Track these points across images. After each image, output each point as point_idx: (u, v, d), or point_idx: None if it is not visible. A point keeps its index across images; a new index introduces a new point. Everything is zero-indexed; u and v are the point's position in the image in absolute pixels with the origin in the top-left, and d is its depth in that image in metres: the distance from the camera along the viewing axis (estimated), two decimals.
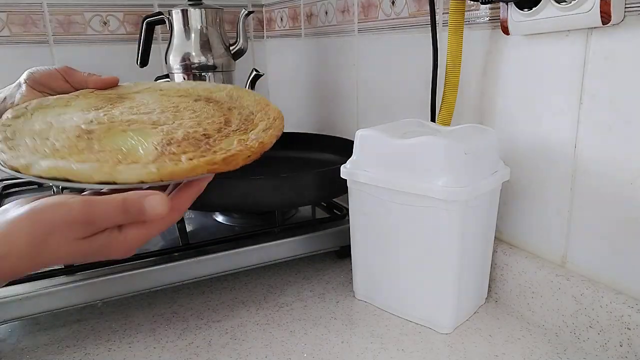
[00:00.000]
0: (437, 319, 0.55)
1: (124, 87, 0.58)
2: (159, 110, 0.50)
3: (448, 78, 0.61)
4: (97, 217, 0.36)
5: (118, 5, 1.09)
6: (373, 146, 0.55)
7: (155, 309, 0.61)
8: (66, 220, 0.36)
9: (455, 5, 0.58)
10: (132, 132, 0.45)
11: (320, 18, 0.98)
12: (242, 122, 0.49)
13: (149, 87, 0.58)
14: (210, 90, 0.57)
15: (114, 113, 0.49)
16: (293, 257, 0.68)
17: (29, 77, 0.56)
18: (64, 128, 0.45)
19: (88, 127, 0.45)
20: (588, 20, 0.47)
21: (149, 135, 0.44)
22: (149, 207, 0.37)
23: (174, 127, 0.46)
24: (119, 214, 0.37)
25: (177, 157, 0.41)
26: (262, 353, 0.52)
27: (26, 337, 0.56)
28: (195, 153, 0.41)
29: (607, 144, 0.49)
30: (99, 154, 0.41)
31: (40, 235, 0.35)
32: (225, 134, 0.46)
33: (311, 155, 0.84)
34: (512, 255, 0.59)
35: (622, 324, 0.47)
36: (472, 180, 0.50)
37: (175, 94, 0.56)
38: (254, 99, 0.55)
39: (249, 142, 0.44)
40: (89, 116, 0.48)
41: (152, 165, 0.39)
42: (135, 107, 0.52)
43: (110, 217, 0.37)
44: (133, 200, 0.37)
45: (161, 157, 0.40)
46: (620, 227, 0.49)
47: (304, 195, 0.67)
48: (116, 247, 0.38)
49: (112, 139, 0.44)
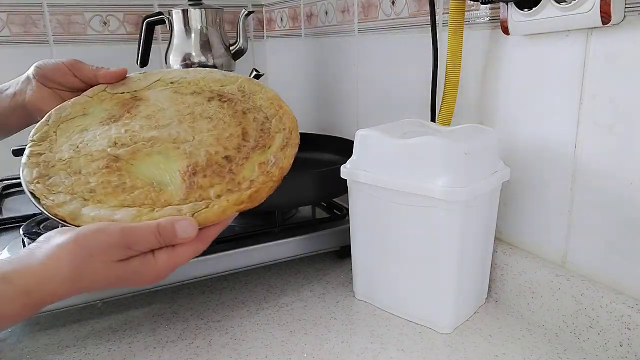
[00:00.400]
0: (437, 319, 0.55)
1: (133, 81, 0.57)
2: (177, 120, 0.52)
3: (448, 78, 0.61)
4: (134, 241, 0.40)
5: (118, 5, 1.09)
6: (373, 146, 0.55)
7: (155, 309, 0.61)
8: (107, 244, 0.39)
9: (455, 5, 0.58)
10: (157, 154, 0.48)
11: (320, 18, 0.98)
12: (259, 135, 0.50)
13: (159, 79, 0.57)
14: (220, 81, 0.57)
15: (134, 127, 0.51)
16: (293, 257, 0.68)
17: (38, 72, 0.56)
18: (92, 155, 0.48)
19: (114, 152, 0.48)
20: (588, 20, 0.47)
21: (173, 160, 0.47)
22: (180, 230, 0.41)
23: (195, 147, 0.48)
24: (153, 238, 0.40)
25: (206, 192, 0.45)
26: (262, 353, 0.52)
27: (26, 337, 0.56)
28: (222, 186, 0.45)
29: (607, 144, 0.49)
30: (133, 193, 0.45)
31: (82, 258, 0.39)
32: (245, 155, 0.48)
33: (311, 155, 0.84)
34: (512, 255, 0.59)
35: (622, 324, 0.47)
36: (472, 180, 0.50)
37: (187, 91, 0.56)
38: (267, 97, 0.55)
39: (269, 167, 0.47)
40: (111, 133, 0.50)
41: (186, 209, 0.43)
42: (152, 115, 0.53)
43: (146, 241, 0.40)
44: (166, 224, 0.41)
45: (191, 194, 0.45)
46: (620, 227, 0.49)
47: (304, 195, 0.67)
48: (148, 272, 0.41)
49: (139, 167, 0.47)
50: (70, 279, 0.39)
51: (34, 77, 0.56)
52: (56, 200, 0.44)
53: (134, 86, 0.57)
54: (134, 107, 0.54)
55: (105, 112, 0.53)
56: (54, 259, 0.39)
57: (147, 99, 0.55)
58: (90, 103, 0.54)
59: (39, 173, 0.47)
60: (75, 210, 0.44)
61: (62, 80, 0.56)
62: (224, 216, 0.44)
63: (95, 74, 0.56)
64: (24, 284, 0.38)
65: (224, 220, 0.44)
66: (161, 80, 0.57)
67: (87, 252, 0.39)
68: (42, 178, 0.46)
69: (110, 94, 0.55)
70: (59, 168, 0.47)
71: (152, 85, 0.57)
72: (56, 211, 0.44)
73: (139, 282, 0.42)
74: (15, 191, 0.87)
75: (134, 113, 0.53)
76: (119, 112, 0.53)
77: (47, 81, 0.56)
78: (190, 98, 0.55)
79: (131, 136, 0.50)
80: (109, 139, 0.50)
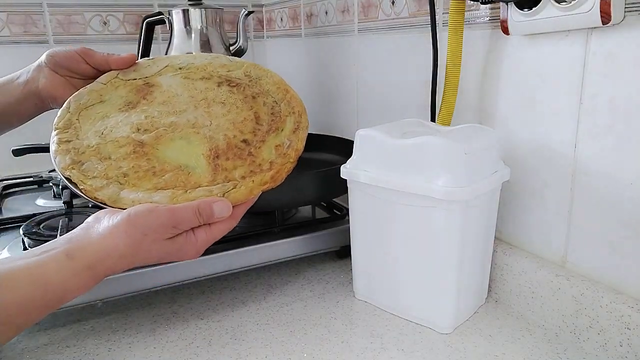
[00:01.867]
0: (437, 319, 0.55)
1: (144, 67, 0.59)
2: (192, 106, 0.55)
3: (448, 78, 0.61)
4: (180, 221, 0.44)
5: (118, 5, 1.09)
6: (373, 146, 0.55)
7: (155, 309, 0.61)
8: (158, 224, 0.44)
9: (455, 5, 0.58)
10: (179, 139, 0.52)
11: (320, 18, 0.98)
12: (271, 119, 0.54)
13: (168, 65, 0.59)
14: (227, 67, 0.60)
15: (153, 114, 0.54)
16: (293, 257, 0.68)
17: (50, 60, 0.57)
18: (118, 140, 0.51)
19: (138, 138, 0.51)
20: (588, 20, 0.47)
21: (196, 144, 0.51)
22: (217, 210, 0.46)
23: (213, 131, 0.52)
24: (195, 218, 0.45)
25: (231, 174, 0.49)
26: (262, 353, 0.52)
27: (26, 337, 0.56)
28: (244, 167, 0.50)
29: (607, 144, 0.49)
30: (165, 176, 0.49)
31: (137, 237, 0.43)
32: (261, 138, 0.53)
33: (311, 155, 0.84)
34: (512, 255, 0.59)
35: (622, 324, 0.47)
36: (472, 180, 0.50)
37: (196, 77, 0.58)
38: (273, 82, 0.59)
39: (285, 149, 0.52)
40: (132, 119, 0.53)
41: (216, 190, 0.48)
42: (168, 102, 0.56)
43: (189, 220, 0.45)
44: (205, 206, 0.45)
45: (217, 175, 0.49)
46: (620, 227, 0.49)
47: (304, 195, 0.67)
48: (190, 248, 0.46)
49: (165, 152, 0.51)
50: (128, 255, 0.43)
51: (47, 65, 0.57)
52: (94, 185, 0.48)
53: (145, 72, 0.58)
54: (148, 94, 0.56)
55: (121, 99, 0.55)
56: (110, 237, 0.43)
57: (160, 85, 0.57)
58: (105, 90, 0.56)
59: (72, 160, 0.49)
60: (114, 194, 0.47)
61: (74, 68, 0.58)
62: (251, 195, 0.49)
63: (106, 59, 0.58)
64: (87, 260, 0.42)
65: (250, 199, 0.49)
66: (170, 66, 0.59)
67: (140, 231, 0.43)
68: (76, 164, 0.49)
69: (123, 80, 0.57)
70: (89, 154, 0.50)
71: (162, 72, 0.59)
72: (96, 195, 0.47)
73: (183, 257, 0.46)
74: (15, 191, 0.87)
75: (149, 99, 0.55)
76: (135, 99, 0.55)
77: (59, 68, 0.57)
78: (201, 83, 0.57)
79: (152, 122, 0.53)
80: (131, 125, 0.53)
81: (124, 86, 0.56)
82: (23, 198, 0.84)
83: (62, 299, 0.42)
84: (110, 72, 0.58)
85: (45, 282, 0.40)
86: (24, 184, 0.89)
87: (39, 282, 0.40)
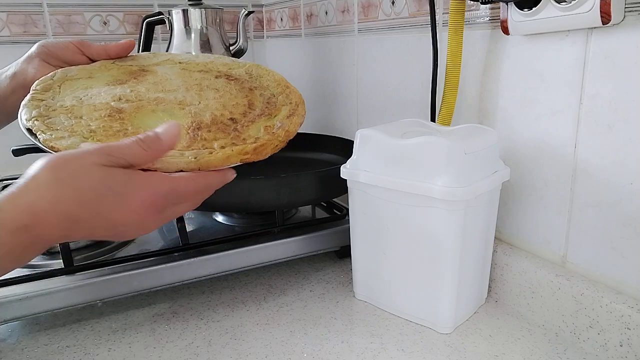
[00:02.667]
0: (437, 319, 0.55)
1: (143, 58, 0.57)
2: (184, 88, 0.51)
3: (448, 78, 0.61)
4: (114, 148, 0.37)
5: (118, 5, 1.09)
6: (373, 146, 0.55)
7: (155, 309, 0.61)
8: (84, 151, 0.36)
9: (455, 5, 0.58)
10: (162, 112, 0.46)
11: (320, 18, 0.98)
12: (265, 106, 0.51)
13: (168, 59, 0.58)
14: (229, 65, 0.58)
15: (140, 89, 0.50)
16: (293, 257, 0.68)
17: (42, 50, 0.55)
18: (95, 105, 0.46)
19: (117, 105, 0.46)
20: (588, 20, 0.47)
21: (178, 116, 0.46)
22: (163, 133, 0.39)
23: (200, 109, 0.47)
24: (136, 145, 0.38)
25: (210, 143, 0.43)
26: (262, 353, 0.52)
27: (26, 337, 0.56)
28: (226, 140, 0.44)
29: (607, 144, 0.49)
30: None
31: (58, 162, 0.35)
32: (250, 119, 0.48)
33: (311, 155, 0.84)
34: (512, 255, 0.59)
35: (622, 324, 0.47)
36: (472, 180, 0.50)
37: (195, 69, 0.56)
38: (273, 79, 0.56)
39: (275, 129, 0.46)
40: (116, 91, 0.49)
41: (189, 154, 0.41)
42: (159, 82, 0.52)
43: (128, 148, 0.37)
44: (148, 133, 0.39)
45: (194, 143, 0.42)
46: (620, 227, 0.49)
47: (304, 195, 0.67)
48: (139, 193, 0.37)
49: (142, 119, 0.45)
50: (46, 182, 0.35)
51: (37, 56, 0.55)
52: (55, 135, 0.43)
53: (143, 62, 0.57)
54: (140, 76, 0.53)
55: (111, 77, 0.53)
56: (26, 175, 0.36)
57: (155, 71, 0.55)
58: (96, 70, 0.54)
59: (39, 113, 0.45)
60: (73, 144, 0.41)
61: (70, 59, 0.56)
62: (228, 163, 0.43)
63: (104, 48, 0.56)
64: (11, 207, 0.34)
65: (224, 171, 0.42)
66: (170, 60, 0.58)
67: (62, 159, 0.36)
68: (42, 117, 0.45)
69: (117, 65, 0.55)
70: (60, 112, 0.46)
71: (161, 63, 0.57)
72: (53, 144, 0.42)
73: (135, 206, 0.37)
74: None
75: (140, 80, 0.52)
76: (126, 78, 0.53)
77: (51, 58, 0.55)
78: (198, 74, 0.55)
79: (137, 95, 0.49)
80: (113, 95, 0.49)
81: (117, 69, 0.54)
82: None
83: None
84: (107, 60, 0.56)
85: None
86: None
87: None
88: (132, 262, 0.60)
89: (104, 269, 0.58)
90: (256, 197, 0.63)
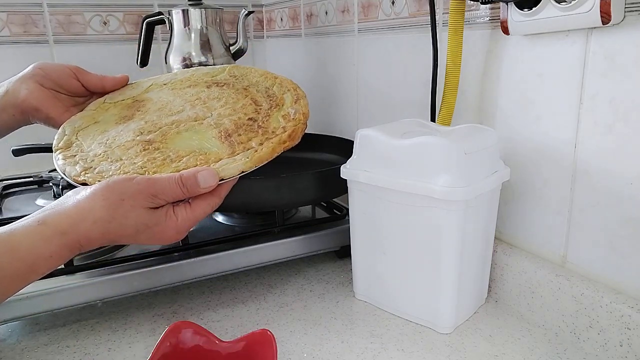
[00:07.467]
0: (437, 319, 0.55)
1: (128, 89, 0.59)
2: (189, 105, 0.54)
3: (448, 78, 0.61)
4: (160, 190, 0.43)
5: (118, 5, 1.09)
6: (373, 146, 0.55)
7: (155, 309, 0.61)
8: (136, 190, 0.42)
9: (455, 5, 0.58)
10: (186, 132, 0.50)
11: (320, 18, 0.98)
12: (269, 99, 0.54)
13: (152, 84, 0.59)
14: (210, 74, 0.60)
15: (152, 118, 0.52)
16: (293, 257, 0.68)
17: (37, 72, 0.56)
18: (124, 145, 0.49)
19: (144, 138, 0.50)
20: (588, 20, 0.47)
21: (202, 131, 0.50)
22: (202, 179, 0.44)
23: (216, 119, 0.51)
24: (177, 187, 0.43)
25: (248, 144, 0.48)
26: None
27: (26, 337, 0.56)
28: (259, 138, 0.49)
29: (607, 144, 0.49)
30: (182, 160, 0.46)
31: (113, 200, 0.42)
32: (265, 115, 0.52)
33: (311, 155, 0.84)
34: (512, 255, 0.59)
35: (622, 324, 0.47)
36: (472, 180, 0.50)
37: (182, 86, 0.58)
38: (258, 74, 0.59)
39: (293, 115, 0.51)
40: (132, 127, 0.51)
41: (240, 157, 0.46)
42: (163, 107, 0.54)
43: (170, 189, 0.43)
44: (188, 174, 0.43)
45: (235, 148, 0.47)
46: (620, 227, 0.49)
47: (304, 195, 0.67)
48: (169, 225, 0.44)
49: (174, 143, 0.49)
50: (103, 218, 0.41)
51: (32, 77, 0.56)
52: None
53: (131, 93, 0.59)
54: (141, 107, 0.55)
55: (116, 116, 0.55)
56: (87, 201, 0.42)
57: (150, 99, 0.57)
58: (97, 113, 0.56)
59: (83, 167, 0.48)
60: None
61: (65, 83, 0.57)
62: (274, 154, 0.48)
63: (101, 80, 0.58)
64: (59, 225, 0.40)
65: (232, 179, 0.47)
66: (154, 84, 0.59)
67: (118, 197, 0.42)
68: (89, 169, 0.48)
69: (111, 103, 0.57)
70: (99, 161, 0.48)
71: (148, 89, 0.59)
72: None
73: (162, 236, 0.44)
74: (15, 191, 0.87)
75: (143, 110, 0.54)
76: (130, 113, 0.55)
77: (47, 81, 0.56)
78: (190, 90, 0.57)
79: (153, 124, 0.52)
80: (133, 131, 0.51)
81: (114, 107, 0.56)
82: (23, 198, 0.84)
83: (33, 268, 0.40)
84: (97, 100, 0.58)
85: (12, 247, 0.39)
86: (24, 184, 0.89)
87: (5, 247, 0.39)
88: (132, 262, 0.60)
89: (104, 269, 0.58)
90: (256, 197, 0.63)
